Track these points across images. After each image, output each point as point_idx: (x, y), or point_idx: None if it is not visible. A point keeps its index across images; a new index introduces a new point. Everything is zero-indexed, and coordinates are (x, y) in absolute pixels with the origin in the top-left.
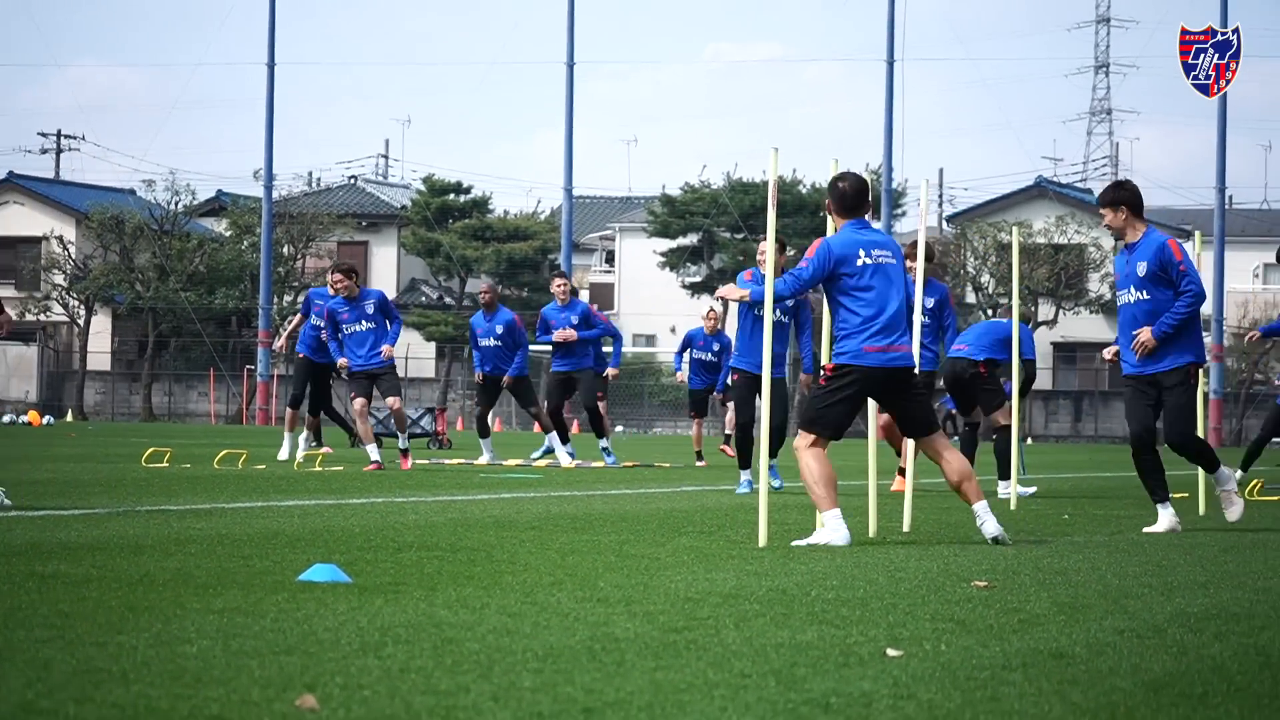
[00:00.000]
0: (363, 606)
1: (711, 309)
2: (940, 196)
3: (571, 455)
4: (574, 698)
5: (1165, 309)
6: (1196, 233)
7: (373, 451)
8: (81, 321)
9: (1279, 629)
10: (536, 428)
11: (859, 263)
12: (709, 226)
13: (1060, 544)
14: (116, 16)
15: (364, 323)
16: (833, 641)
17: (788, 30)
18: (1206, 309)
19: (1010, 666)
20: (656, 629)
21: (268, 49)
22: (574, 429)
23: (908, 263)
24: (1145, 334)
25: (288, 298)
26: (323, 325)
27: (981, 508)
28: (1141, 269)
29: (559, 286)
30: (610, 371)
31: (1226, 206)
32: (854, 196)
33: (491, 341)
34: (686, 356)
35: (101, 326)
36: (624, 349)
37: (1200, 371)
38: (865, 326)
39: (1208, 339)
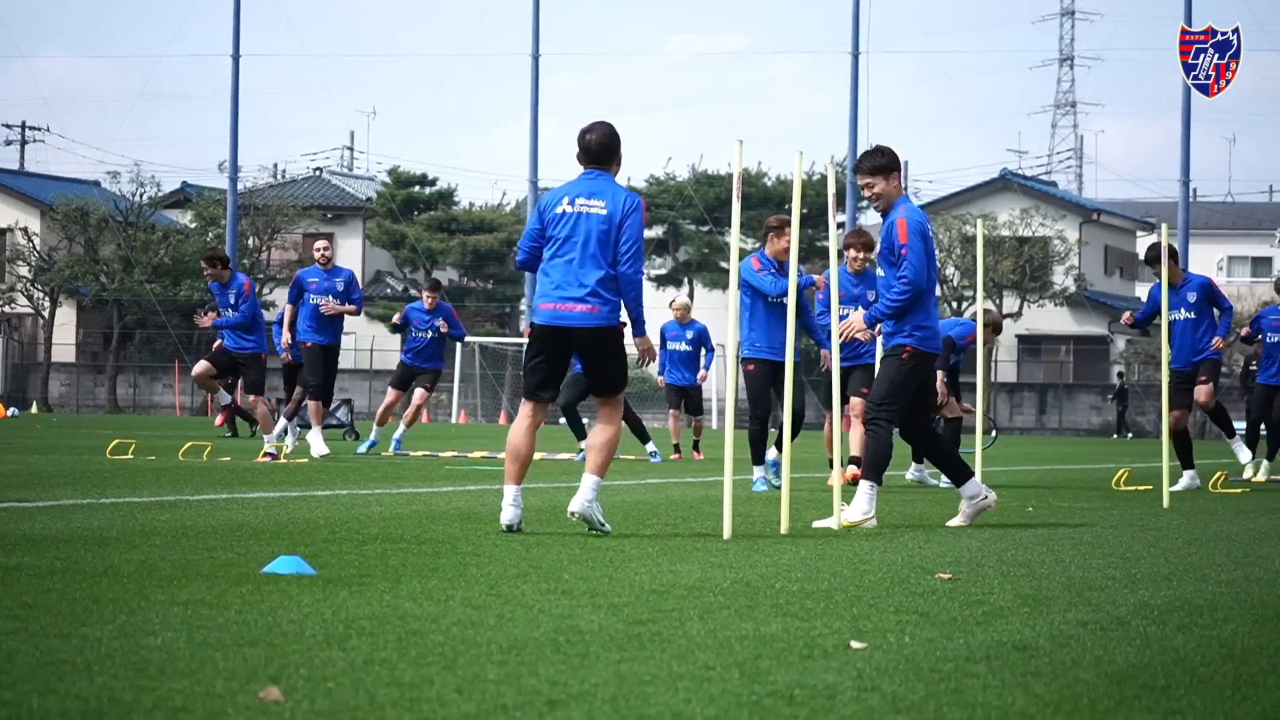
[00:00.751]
0: (327, 599)
1: (676, 298)
2: (905, 189)
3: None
4: (538, 690)
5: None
6: (1164, 226)
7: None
8: (46, 313)
9: (1242, 621)
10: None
11: None
12: (674, 219)
13: (1024, 536)
14: (82, 8)
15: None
16: (797, 634)
17: (752, 22)
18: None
19: (974, 658)
20: (621, 621)
21: (233, 41)
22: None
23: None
24: (856, 319)
25: None
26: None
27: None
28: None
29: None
30: None
31: (1191, 199)
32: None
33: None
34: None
35: (66, 318)
36: None
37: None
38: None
39: None
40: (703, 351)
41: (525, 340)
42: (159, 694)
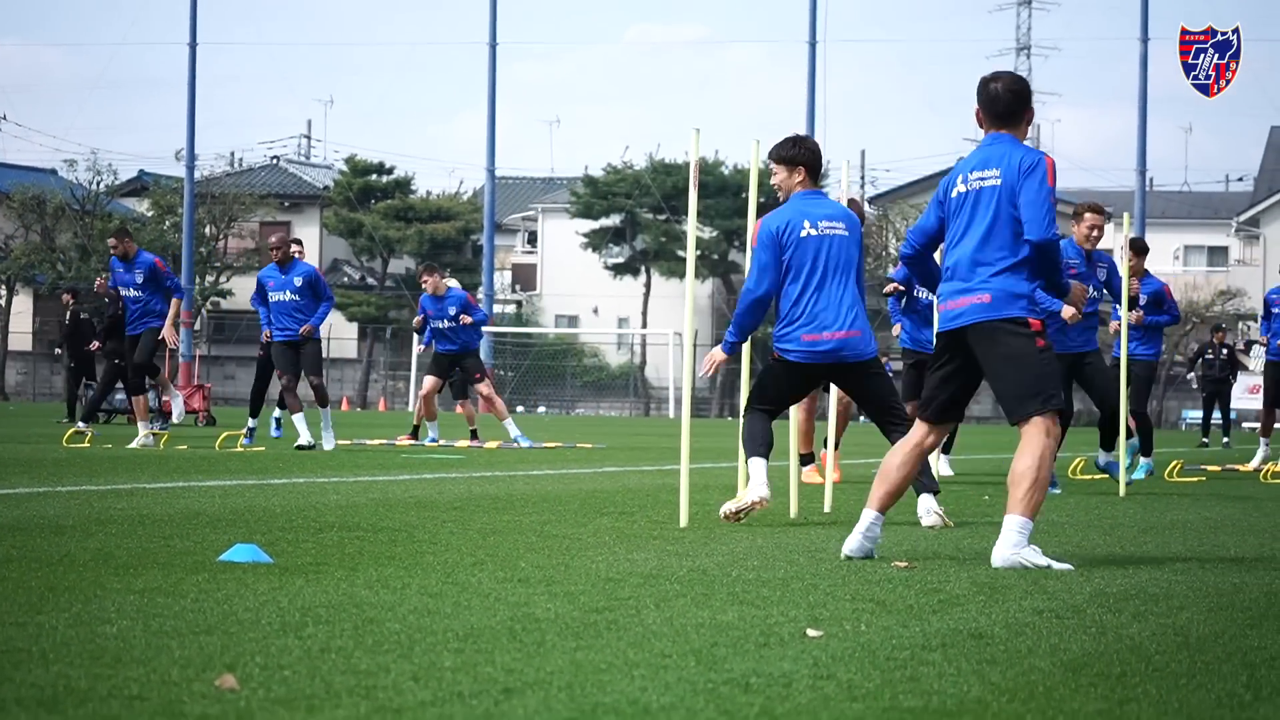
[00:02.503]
0: (283, 586)
1: (425, 277)
2: (862, 178)
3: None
4: (494, 677)
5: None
6: (1126, 214)
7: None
8: (2, 302)
9: (1197, 609)
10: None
11: None
12: (631, 208)
13: (981, 525)
14: None
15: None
16: (753, 622)
17: (710, 12)
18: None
19: (929, 646)
20: (577, 609)
21: (190, 28)
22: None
23: None
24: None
25: (209, 278)
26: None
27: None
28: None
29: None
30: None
31: (1147, 189)
32: None
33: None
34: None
35: (23, 307)
36: (547, 329)
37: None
38: None
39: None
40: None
41: (482, 329)
42: (115, 682)
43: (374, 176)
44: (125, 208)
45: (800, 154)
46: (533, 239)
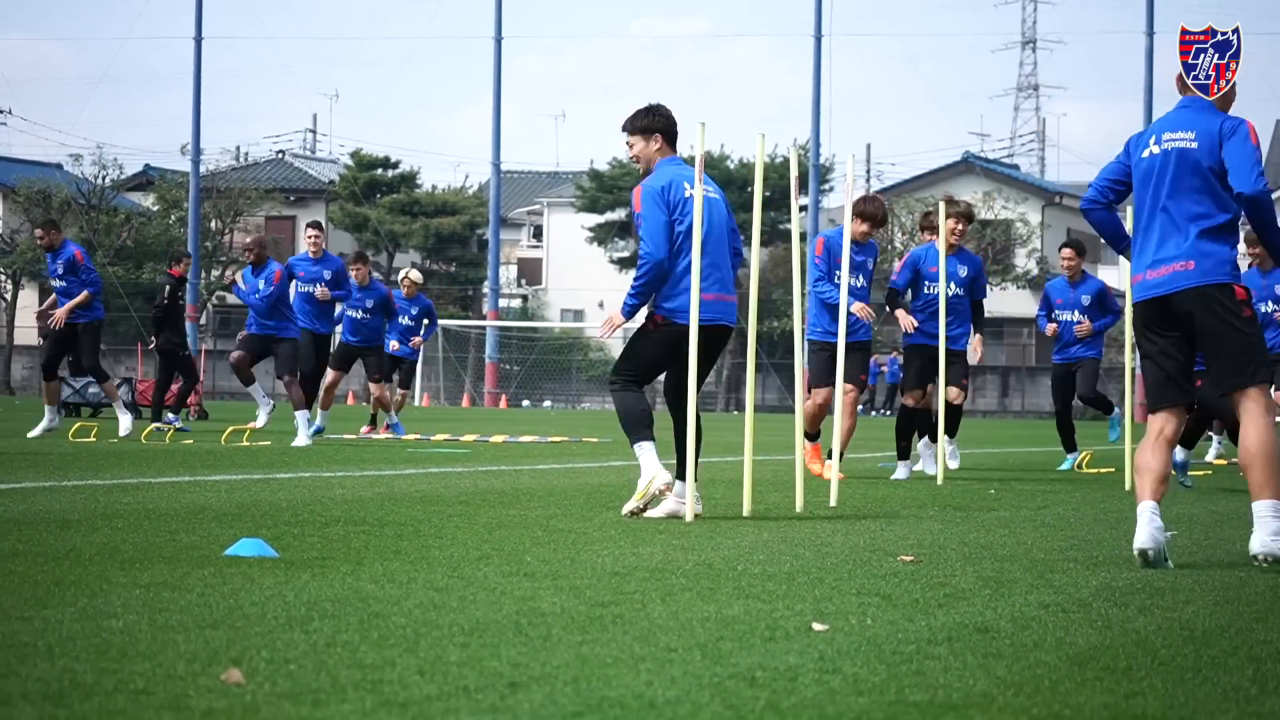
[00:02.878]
0: (289, 581)
1: (408, 273)
2: (867, 171)
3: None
4: (500, 671)
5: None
6: (1128, 209)
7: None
8: (8, 296)
9: (1203, 604)
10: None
11: None
12: None
13: (986, 519)
14: None
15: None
16: (759, 616)
17: (715, 5)
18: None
19: (935, 640)
20: (583, 603)
21: (195, 23)
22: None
23: (925, 235)
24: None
25: (215, 272)
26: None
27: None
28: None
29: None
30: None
31: None
32: None
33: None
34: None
35: (29, 301)
36: (552, 323)
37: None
38: None
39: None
40: (424, 323)
41: (487, 323)
42: (120, 676)
43: (379, 171)
44: (131, 202)
45: (655, 121)
46: (538, 233)
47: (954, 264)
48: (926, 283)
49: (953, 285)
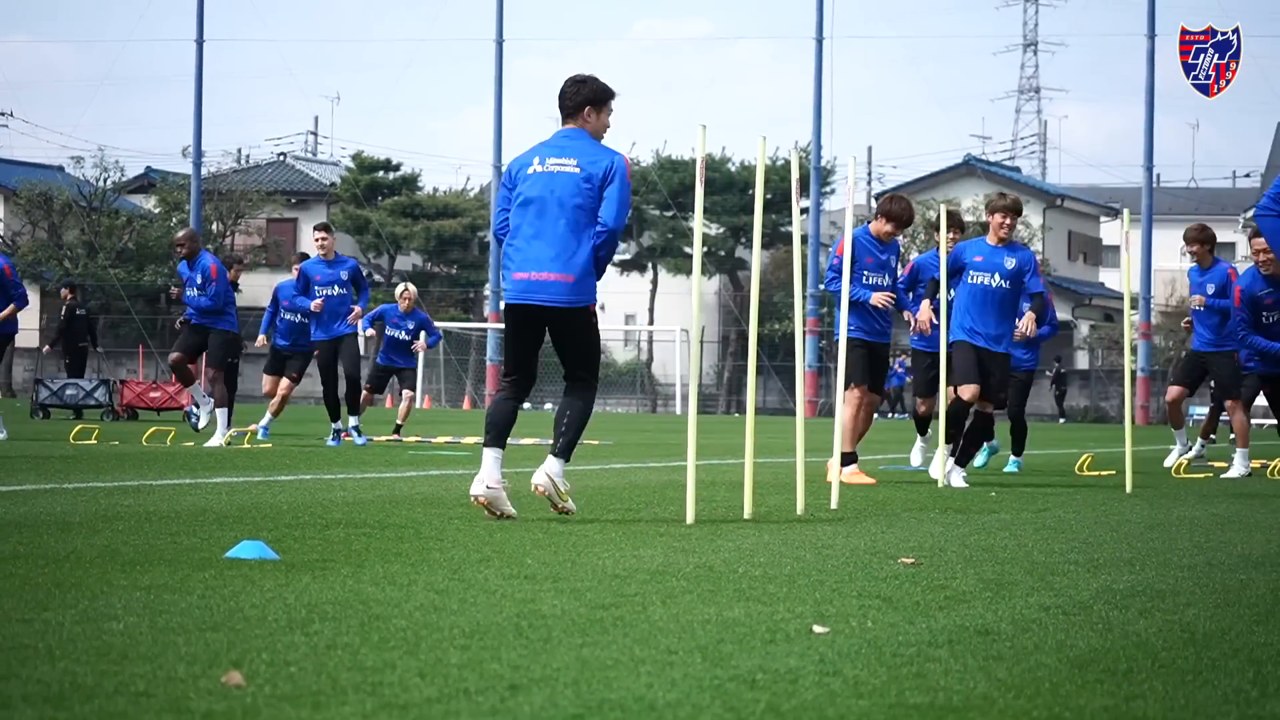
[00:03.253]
0: (290, 583)
1: (408, 287)
2: (869, 174)
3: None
4: (500, 674)
5: None
6: (1125, 211)
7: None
8: None
9: (1204, 606)
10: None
11: None
12: (638, 204)
13: (987, 521)
14: None
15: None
16: (759, 618)
17: (717, 7)
18: (1135, 286)
19: (936, 643)
20: (583, 606)
21: (196, 25)
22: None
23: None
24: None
25: None
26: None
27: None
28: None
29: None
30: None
31: (1154, 185)
32: None
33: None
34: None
35: (30, 303)
36: None
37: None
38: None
39: (1135, 317)
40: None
41: (488, 325)
42: (121, 678)
43: (381, 173)
44: (132, 204)
45: (597, 90)
46: None
47: (1001, 256)
48: (971, 272)
49: (998, 277)
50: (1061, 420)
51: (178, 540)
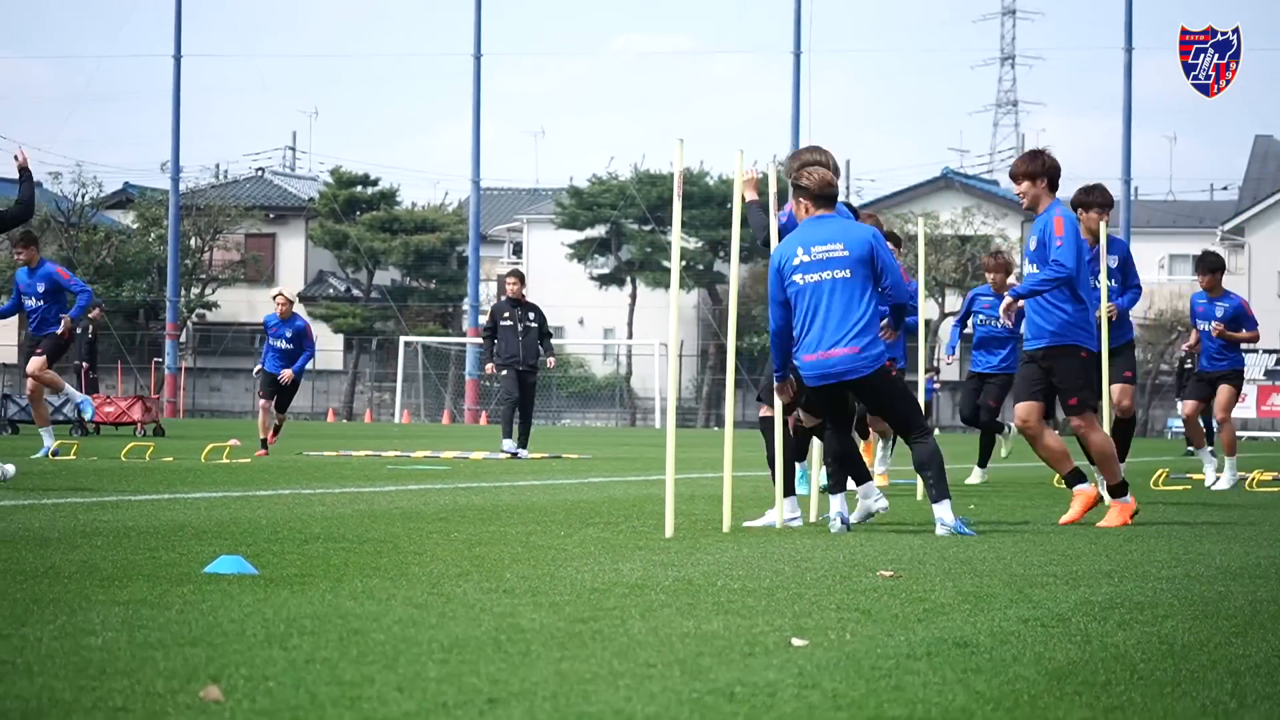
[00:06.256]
0: (269, 598)
1: (282, 293)
2: (847, 188)
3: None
4: (479, 688)
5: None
6: (1103, 223)
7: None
8: None
9: (1182, 618)
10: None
11: None
12: (616, 218)
13: (966, 534)
14: (21, 7)
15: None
16: (738, 631)
17: (696, 22)
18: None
19: (915, 655)
20: (562, 619)
21: (174, 41)
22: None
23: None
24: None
25: (195, 290)
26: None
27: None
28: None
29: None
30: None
31: (1132, 198)
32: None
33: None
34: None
35: (9, 319)
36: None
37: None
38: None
39: None
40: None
41: (466, 340)
42: (99, 694)
43: (359, 188)
44: (110, 220)
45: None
46: (518, 250)
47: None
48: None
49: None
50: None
51: (156, 555)
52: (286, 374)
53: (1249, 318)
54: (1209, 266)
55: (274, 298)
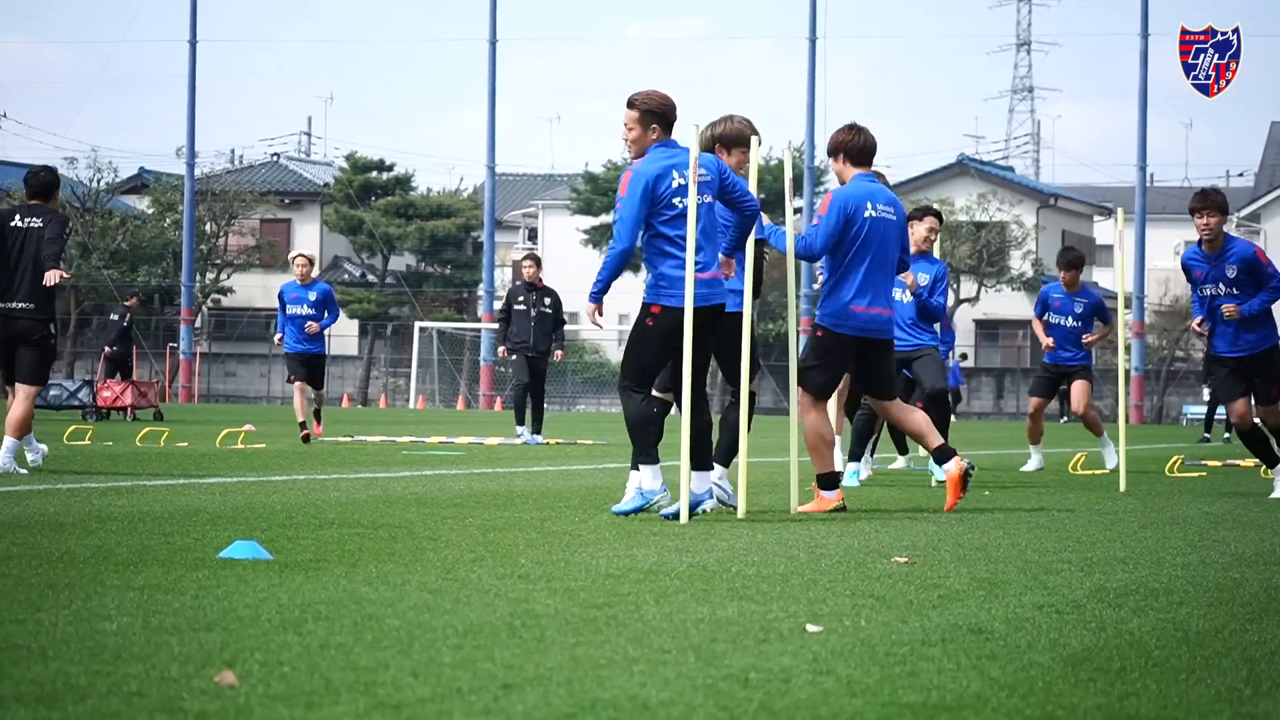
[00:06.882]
0: (283, 583)
1: (301, 254)
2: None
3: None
4: (493, 673)
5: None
6: (1119, 210)
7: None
8: None
9: (1197, 605)
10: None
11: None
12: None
13: (981, 520)
14: None
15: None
16: (752, 617)
17: (711, 8)
18: (1128, 286)
19: (929, 642)
20: (577, 605)
21: (190, 26)
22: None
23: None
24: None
25: (210, 275)
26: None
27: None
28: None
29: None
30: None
31: (1148, 184)
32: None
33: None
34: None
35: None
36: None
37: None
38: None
39: (1130, 316)
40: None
41: (481, 325)
42: (114, 678)
43: (374, 173)
44: (126, 205)
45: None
46: (533, 235)
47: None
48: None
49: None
50: (1064, 420)
51: (171, 540)
52: (313, 326)
53: (1107, 311)
54: (1069, 263)
55: (292, 259)
